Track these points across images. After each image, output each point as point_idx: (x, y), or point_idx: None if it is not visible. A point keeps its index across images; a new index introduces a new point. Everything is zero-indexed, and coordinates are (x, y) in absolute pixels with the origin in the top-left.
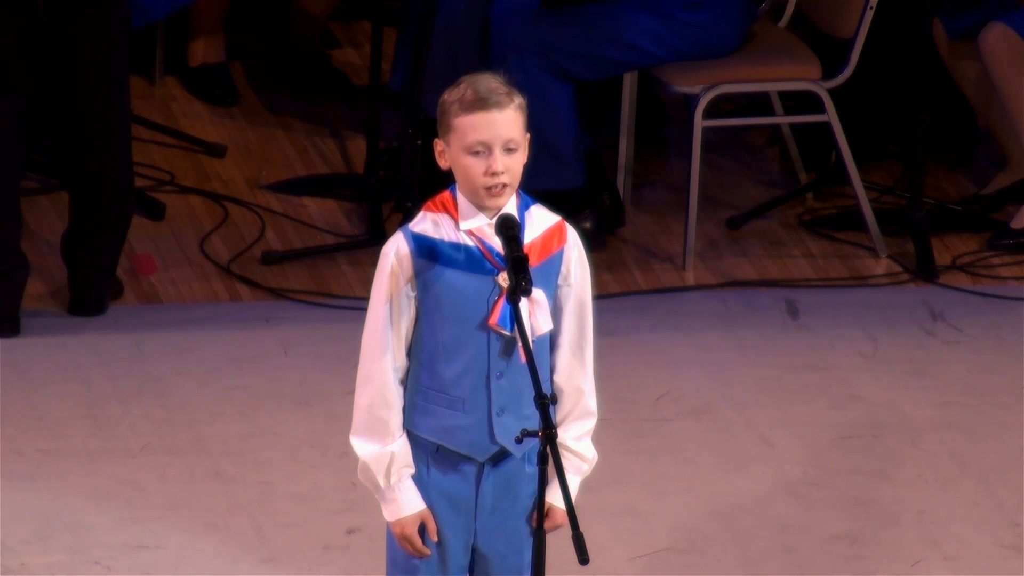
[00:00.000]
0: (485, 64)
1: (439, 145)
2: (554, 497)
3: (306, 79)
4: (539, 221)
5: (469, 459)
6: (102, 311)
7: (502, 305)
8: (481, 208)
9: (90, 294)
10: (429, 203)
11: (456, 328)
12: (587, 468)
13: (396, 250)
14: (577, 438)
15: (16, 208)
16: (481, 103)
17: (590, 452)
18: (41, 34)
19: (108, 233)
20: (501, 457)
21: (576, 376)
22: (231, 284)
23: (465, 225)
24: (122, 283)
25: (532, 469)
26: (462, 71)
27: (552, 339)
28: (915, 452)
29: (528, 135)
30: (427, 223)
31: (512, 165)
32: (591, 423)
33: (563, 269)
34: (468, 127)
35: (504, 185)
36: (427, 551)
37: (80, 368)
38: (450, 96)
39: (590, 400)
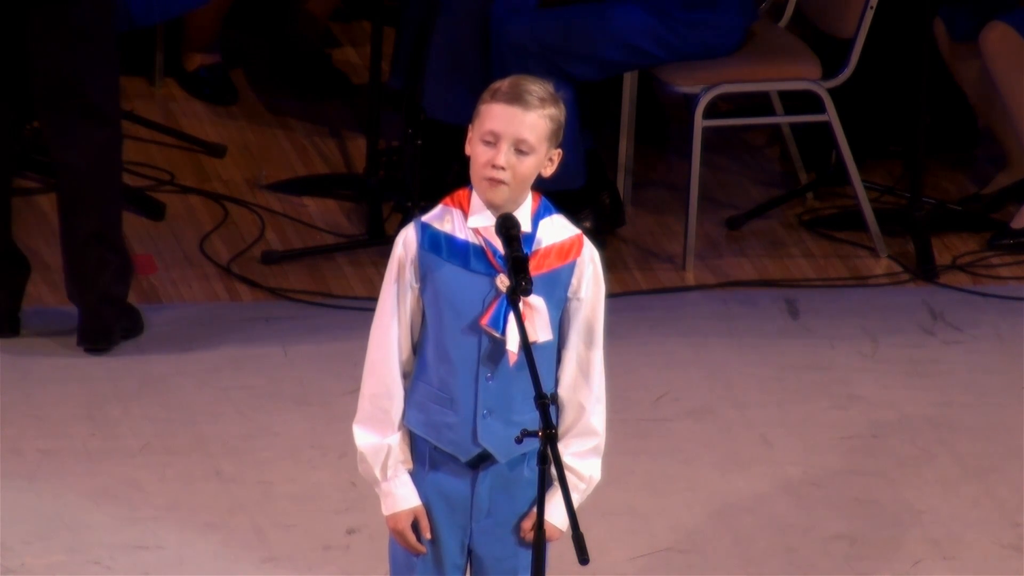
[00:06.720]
0: (485, 65)
1: (470, 130)
2: (551, 514)
3: (306, 79)
4: (555, 230)
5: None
6: (110, 345)
7: (496, 307)
8: (486, 205)
9: (98, 325)
10: (448, 197)
11: (450, 324)
12: (584, 487)
13: (405, 239)
14: (576, 455)
15: (5, 208)
16: (509, 96)
17: (588, 471)
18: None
19: (95, 242)
20: (487, 460)
21: (580, 393)
22: (231, 284)
23: (472, 222)
24: (140, 315)
25: (531, 473)
26: (462, 72)
27: (559, 352)
28: (915, 452)
29: (558, 152)
30: (440, 216)
31: (518, 166)
32: (593, 442)
33: (573, 282)
34: (488, 115)
35: (501, 182)
36: (422, 548)
37: (80, 368)
38: (493, 84)
39: (594, 419)
